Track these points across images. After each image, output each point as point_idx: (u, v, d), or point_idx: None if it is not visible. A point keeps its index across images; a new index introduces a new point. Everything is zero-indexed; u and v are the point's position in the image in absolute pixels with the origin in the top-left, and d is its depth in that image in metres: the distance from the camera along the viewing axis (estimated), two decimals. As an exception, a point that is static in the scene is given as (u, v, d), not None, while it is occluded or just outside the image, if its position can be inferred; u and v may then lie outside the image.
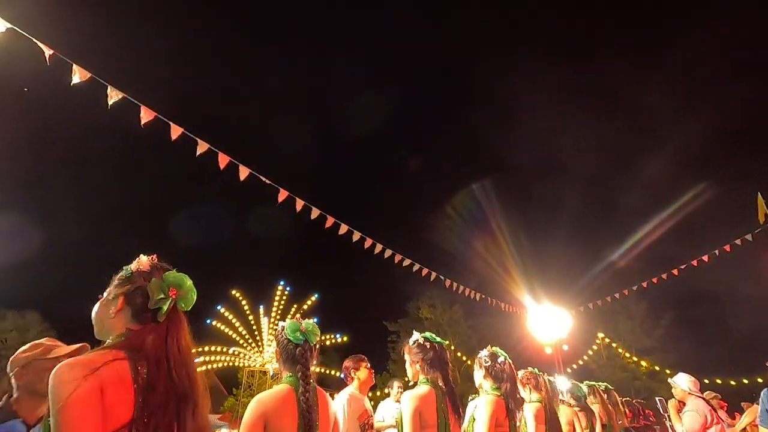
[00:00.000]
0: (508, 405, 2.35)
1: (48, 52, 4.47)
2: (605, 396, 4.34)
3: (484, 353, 2.62)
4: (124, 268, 1.20)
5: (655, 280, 10.36)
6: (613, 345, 20.22)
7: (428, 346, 2.22)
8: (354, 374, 3.22)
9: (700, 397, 4.09)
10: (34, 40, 4.46)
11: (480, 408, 2.35)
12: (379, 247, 7.55)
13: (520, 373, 3.17)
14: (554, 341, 11.45)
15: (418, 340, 2.28)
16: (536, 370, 3.26)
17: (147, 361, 1.04)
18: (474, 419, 2.34)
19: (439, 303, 24.66)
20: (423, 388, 2.09)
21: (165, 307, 1.13)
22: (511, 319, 15.54)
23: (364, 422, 3.06)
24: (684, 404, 4.18)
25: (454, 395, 2.12)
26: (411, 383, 2.33)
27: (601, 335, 19.96)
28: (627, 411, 5.59)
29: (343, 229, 6.96)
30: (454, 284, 9.52)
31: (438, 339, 2.29)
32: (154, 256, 1.25)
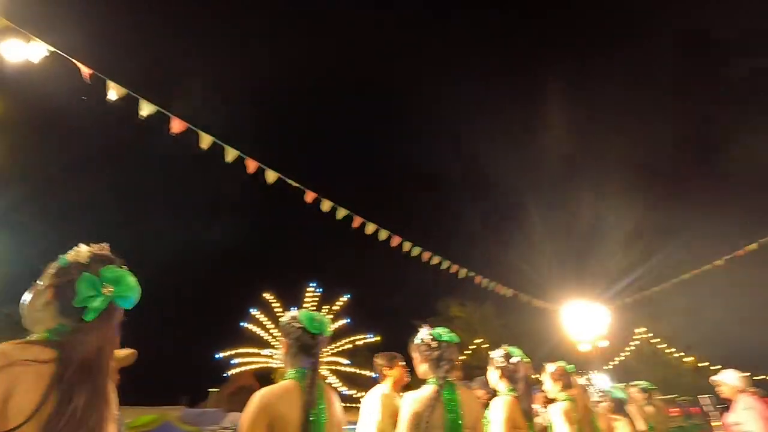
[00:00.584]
0: (524, 406, 2.28)
1: (86, 71, 4.72)
2: (648, 398, 4.13)
3: (497, 353, 2.54)
4: (59, 256, 1.08)
5: (697, 271, 9.89)
6: (655, 340, 19.41)
7: (434, 345, 2.13)
8: (387, 372, 3.21)
9: (753, 393, 3.85)
10: (74, 60, 4.73)
11: (496, 410, 2.27)
12: (407, 245, 7.54)
13: (551, 368, 3.05)
14: (591, 337, 11.11)
15: (423, 337, 2.19)
16: (570, 366, 3.14)
17: (73, 369, 0.94)
18: (489, 421, 2.27)
19: (470, 301, 24.37)
20: (427, 389, 2.00)
21: (94, 306, 1.01)
22: (545, 316, 15.18)
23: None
24: (729, 402, 3.95)
25: (453, 394, 2.02)
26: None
27: (641, 330, 19.21)
28: (674, 410, 5.33)
29: (371, 228, 6.99)
30: (484, 281, 9.38)
31: (447, 337, 2.17)
32: (103, 246, 1.13)
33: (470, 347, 22.14)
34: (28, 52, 4.75)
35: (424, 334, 2.20)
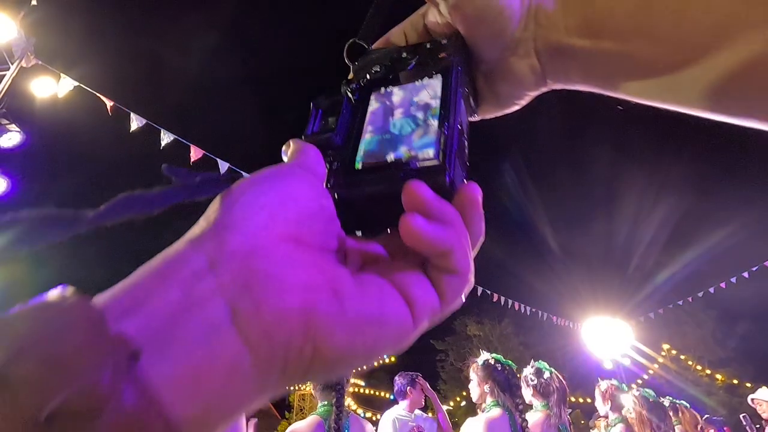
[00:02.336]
0: (557, 420, 2.30)
1: (109, 103, 4.96)
2: (686, 415, 3.97)
3: (529, 371, 2.57)
4: None
5: (723, 284, 9.59)
6: (682, 357, 18.71)
7: (499, 368, 2.21)
8: (409, 392, 3.19)
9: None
10: (98, 94, 4.97)
11: (532, 426, 2.29)
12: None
13: (603, 385, 3.00)
14: (615, 355, 10.81)
15: (488, 360, 2.29)
16: (623, 385, 3.01)
17: None
18: None
19: (487, 318, 23.98)
20: (495, 411, 2.05)
21: None
22: (565, 333, 14.83)
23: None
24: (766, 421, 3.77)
25: (525, 420, 2.08)
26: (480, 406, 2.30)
27: (666, 347, 18.56)
28: (710, 430, 5.13)
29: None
30: (502, 298, 9.26)
31: (509, 362, 2.29)
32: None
33: (489, 366, 21.68)
34: (55, 87, 5.02)
35: (487, 356, 2.31)
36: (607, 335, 11.06)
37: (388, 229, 0.29)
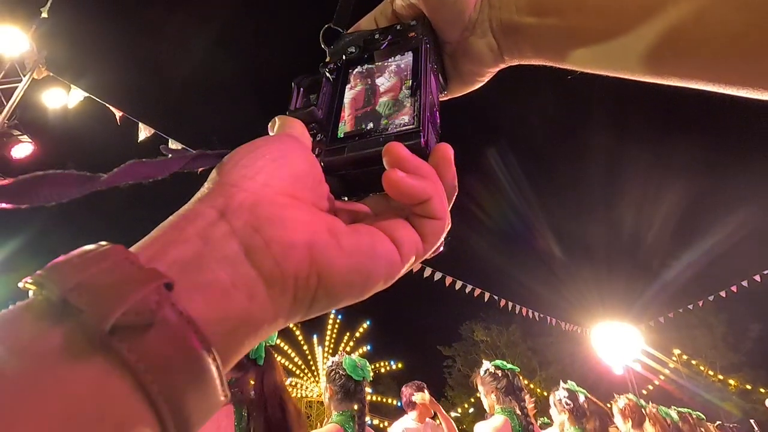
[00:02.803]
0: None
1: (118, 114, 5.03)
2: (698, 425, 3.88)
3: (562, 394, 2.45)
4: None
5: (734, 288, 9.46)
6: (693, 362, 18.43)
7: (500, 374, 2.18)
8: (413, 401, 3.17)
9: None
10: (107, 104, 5.04)
11: None
12: (428, 270, 7.51)
13: (621, 402, 2.86)
14: (625, 360, 10.66)
15: (489, 369, 2.25)
16: (641, 401, 2.88)
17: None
18: None
19: (495, 324, 23.80)
20: (497, 419, 2.04)
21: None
22: (574, 339, 14.67)
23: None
24: None
25: (530, 423, 2.05)
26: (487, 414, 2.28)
27: (677, 352, 18.30)
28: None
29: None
30: (510, 304, 9.20)
31: (509, 366, 2.25)
32: None
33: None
34: (66, 98, 5.10)
35: (488, 365, 2.27)
36: (617, 340, 10.93)
37: (372, 194, 0.31)
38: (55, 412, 0.13)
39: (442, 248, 0.30)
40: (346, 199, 0.32)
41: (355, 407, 1.68)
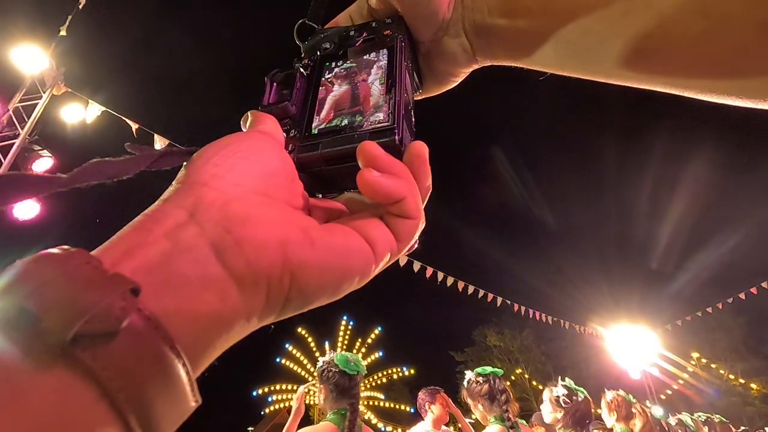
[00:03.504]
0: None
1: (134, 126, 5.16)
2: (722, 429, 3.80)
3: (561, 391, 2.41)
4: None
5: (754, 290, 9.26)
6: (713, 366, 18.00)
7: (482, 380, 2.12)
8: (429, 408, 3.16)
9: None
10: (123, 117, 5.18)
11: None
12: (440, 275, 7.50)
13: (609, 396, 2.88)
14: (641, 364, 10.47)
15: (470, 378, 2.19)
16: (629, 396, 2.94)
17: None
18: None
19: (508, 329, 23.54)
20: (491, 429, 1.98)
21: None
22: (589, 342, 14.46)
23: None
24: None
25: (517, 427, 2.00)
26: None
27: (696, 355, 17.91)
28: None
29: (403, 259, 7.02)
30: (522, 308, 9.12)
31: (489, 370, 2.18)
32: None
33: (512, 377, 21.20)
34: (84, 112, 5.25)
35: (468, 376, 2.22)
36: (633, 344, 10.75)
37: (346, 191, 0.31)
38: (14, 426, 0.13)
39: (416, 246, 0.29)
40: (320, 196, 0.32)
41: (349, 405, 1.64)
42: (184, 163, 0.25)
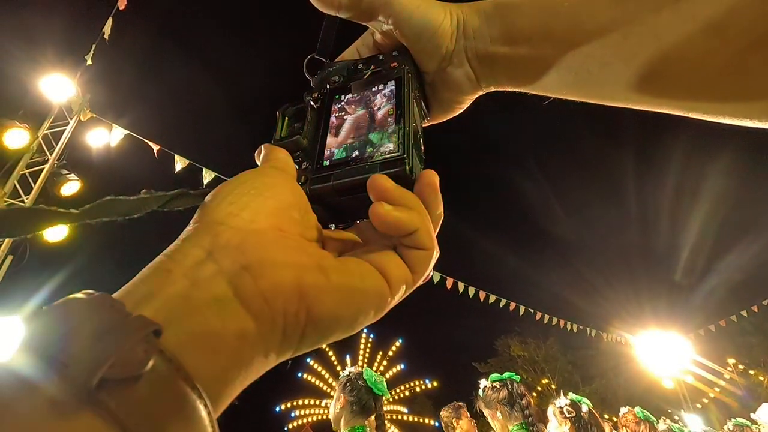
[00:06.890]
0: None
1: (155, 147, 5.32)
2: None
3: (564, 402, 2.31)
4: None
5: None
6: (751, 372, 17.16)
7: (499, 386, 2.03)
8: (457, 424, 3.10)
9: None
10: (145, 140, 5.35)
11: None
12: (461, 286, 7.41)
13: (622, 411, 2.75)
14: (674, 372, 10.08)
15: (486, 385, 2.11)
16: (641, 412, 2.74)
17: None
18: None
19: (531, 338, 23.00)
20: None
21: None
22: (617, 350, 13.99)
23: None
24: None
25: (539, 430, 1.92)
26: None
27: (732, 361, 17.12)
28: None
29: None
30: (546, 316, 8.92)
31: (506, 374, 2.10)
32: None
33: (538, 388, 20.62)
34: (108, 136, 5.45)
35: (484, 384, 2.16)
36: (664, 351, 10.35)
37: (359, 221, 0.32)
38: None
39: (431, 275, 0.30)
40: (333, 227, 0.32)
41: (377, 426, 1.60)
42: (202, 203, 0.25)
